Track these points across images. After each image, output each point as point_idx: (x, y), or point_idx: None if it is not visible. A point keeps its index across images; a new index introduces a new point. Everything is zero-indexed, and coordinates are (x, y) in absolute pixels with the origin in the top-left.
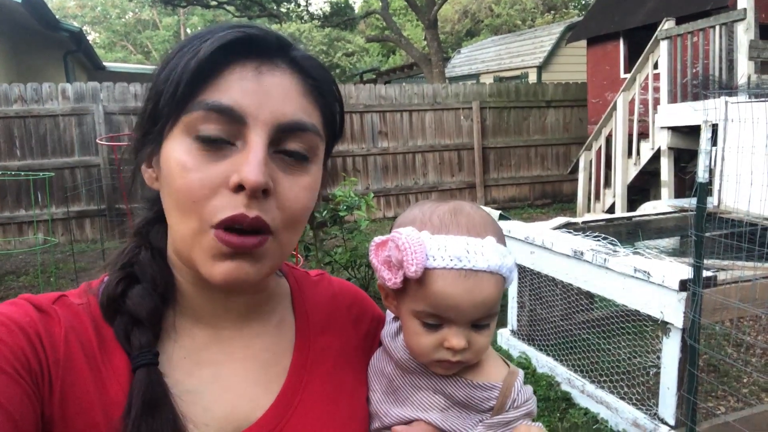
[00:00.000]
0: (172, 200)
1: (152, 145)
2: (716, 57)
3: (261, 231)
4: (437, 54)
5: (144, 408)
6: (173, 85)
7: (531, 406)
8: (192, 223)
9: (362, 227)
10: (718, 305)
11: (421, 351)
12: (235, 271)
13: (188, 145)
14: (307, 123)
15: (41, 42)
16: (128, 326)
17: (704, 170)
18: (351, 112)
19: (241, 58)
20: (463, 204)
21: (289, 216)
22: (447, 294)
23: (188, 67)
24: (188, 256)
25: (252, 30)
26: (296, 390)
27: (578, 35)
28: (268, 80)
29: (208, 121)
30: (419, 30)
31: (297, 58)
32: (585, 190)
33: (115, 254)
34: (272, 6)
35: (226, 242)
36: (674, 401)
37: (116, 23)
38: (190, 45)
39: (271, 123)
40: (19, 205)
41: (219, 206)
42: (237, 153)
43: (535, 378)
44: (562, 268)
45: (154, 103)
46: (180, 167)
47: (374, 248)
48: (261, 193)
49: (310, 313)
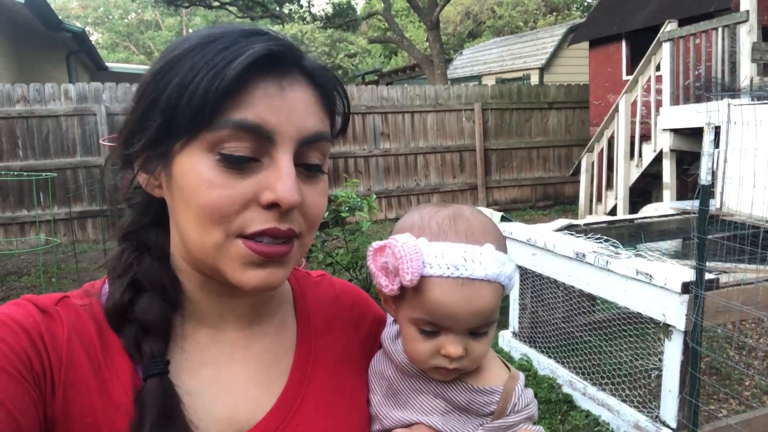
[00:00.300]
0: (192, 214)
1: (159, 157)
2: (719, 59)
3: (292, 239)
4: (439, 55)
5: (159, 420)
6: (196, 103)
7: (532, 410)
8: (216, 235)
9: (364, 228)
10: (720, 308)
11: (418, 357)
12: (267, 278)
13: (211, 161)
14: (326, 133)
15: (44, 42)
16: (139, 335)
17: (707, 172)
18: (353, 114)
19: (263, 72)
20: (463, 209)
21: (311, 221)
22: (443, 303)
23: (212, 86)
24: (212, 265)
25: (274, 45)
26: (298, 391)
27: (580, 37)
28: (290, 95)
29: (235, 139)
30: (421, 31)
31: (309, 68)
32: (587, 192)
33: (113, 259)
34: (275, 7)
35: (259, 252)
36: (676, 404)
37: (119, 24)
38: (203, 55)
39: (296, 138)
40: (21, 206)
41: (248, 220)
42: (263, 169)
43: (537, 380)
44: (564, 270)
45: (165, 118)
46: (206, 184)
47: (372, 254)
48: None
49: (312, 314)
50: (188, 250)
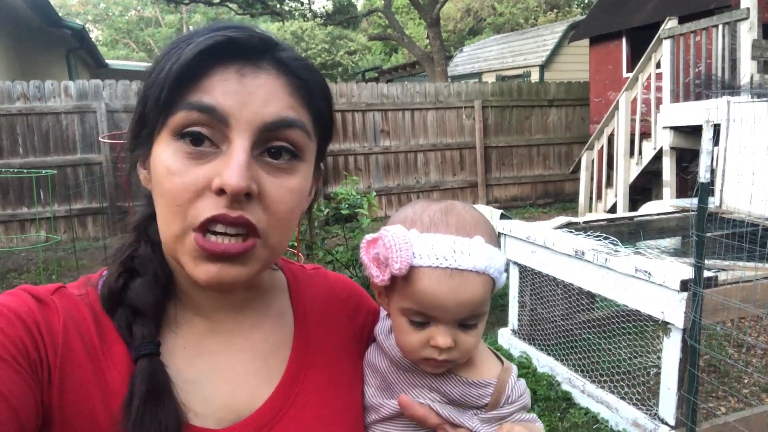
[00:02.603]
0: (159, 205)
1: (143, 147)
2: (719, 56)
3: (248, 232)
4: (439, 52)
5: (147, 396)
6: (158, 89)
7: (525, 400)
8: (175, 227)
9: (364, 226)
10: (719, 306)
11: (408, 348)
12: (217, 273)
13: (174, 147)
14: (294, 119)
15: (44, 39)
16: (130, 318)
17: (706, 170)
18: (353, 111)
19: (223, 61)
20: (455, 204)
21: (276, 218)
22: (432, 292)
23: (171, 71)
24: (174, 257)
25: (234, 33)
26: (295, 380)
27: (581, 34)
28: (250, 82)
29: (191, 120)
30: (422, 28)
31: (283, 58)
32: (587, 190)
33: (115, 249)
34: (275, 4)
35: (204, 248)
36: (675, 401)
37: (119, 21)
38: (176, 48)
39: (254, 123)
40: (21, 203)
41: (201, 208)
42: (221, 156)
43: (536, 378)
44: (564, 268)
45: (142, 107)
46: (166, 171)
47: (365, 245)
48: (243, 197)
49: (308, 306)
50: (162, 242)
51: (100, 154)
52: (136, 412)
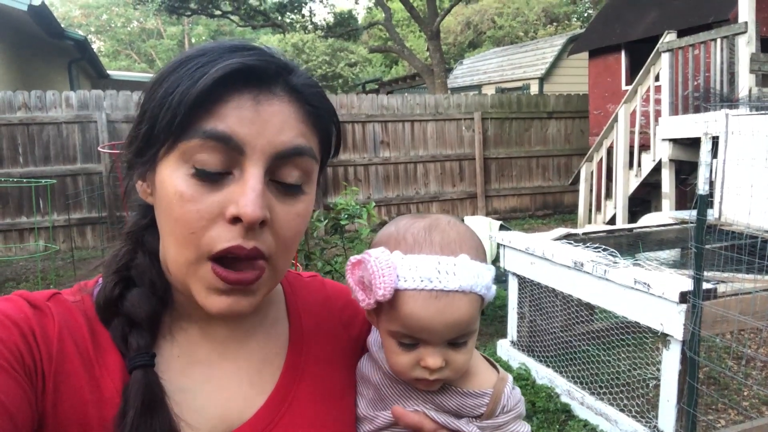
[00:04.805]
0: (169, 228)
1: (146, 164)
2: (717, 70)
3: (258, 260)
4: (439, 65)
5: (142, 409)
6: (171, 113)
7: (520, 408)
8: (188, 254)
9: (363, 236)
10: (718, 317)
11: (398, 369)
12: (231, 305)
13: (185, 173)
14: (305, 147)
15: (46, 50)
16: (126, 328)
17: (705, 182)
18: (353, 122)
19: (239, 86)
20: (440, 219)
21: (284, 243)
22: (418, 316)
23: (187, 97)
24: (183, 282)
25: (251, 60)
26: (288, 390)
27: (580, 47)
28: (266, 109)
29: (206, 149)
30: (422, 41)
31: (297, 85)
32: (586, 202)
33: (110, 257)
34: (276, 16)
35: (224, 279)
36: (674, 414)
37: (121, 32)
38: (187, 68)
39: (268, 152)
40: (20, 212)
41: (215, 237)
42: (234, 182)
43: (535, 389)
44: (563, 279)
45: (149, 126)
46: (177, 197)
47: (350, 267)
48: (258, 226)
49: (303, 314)
50: (166, 262)
51: (100, 163)
52: (131, 424)
